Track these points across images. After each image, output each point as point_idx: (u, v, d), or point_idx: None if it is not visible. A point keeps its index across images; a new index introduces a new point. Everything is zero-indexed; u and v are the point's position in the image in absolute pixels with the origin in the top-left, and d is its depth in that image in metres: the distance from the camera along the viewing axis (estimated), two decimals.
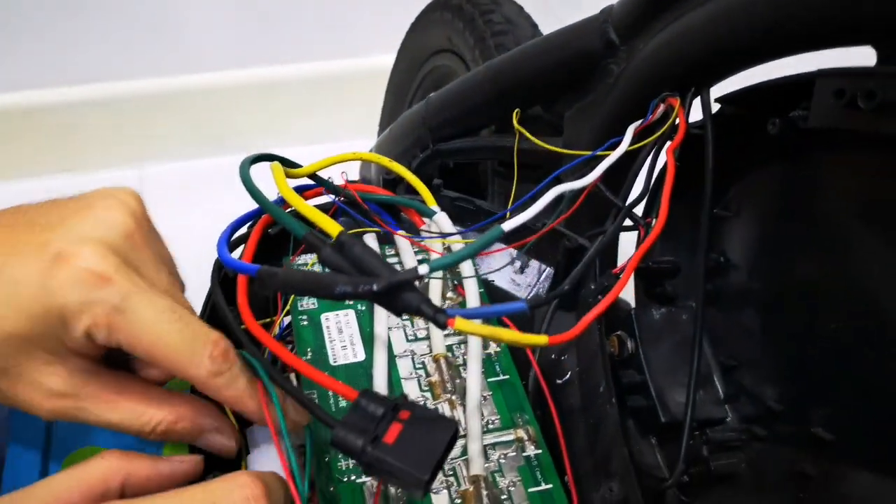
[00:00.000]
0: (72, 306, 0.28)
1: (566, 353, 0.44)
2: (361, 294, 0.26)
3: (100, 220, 0.30)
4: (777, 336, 0.43)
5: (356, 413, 0.29)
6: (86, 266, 0.28)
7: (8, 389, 0.31)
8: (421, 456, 0.28)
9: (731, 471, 0.43)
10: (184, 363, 0.30)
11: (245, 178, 0.35)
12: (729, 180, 0.44)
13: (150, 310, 0.30)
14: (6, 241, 0.29)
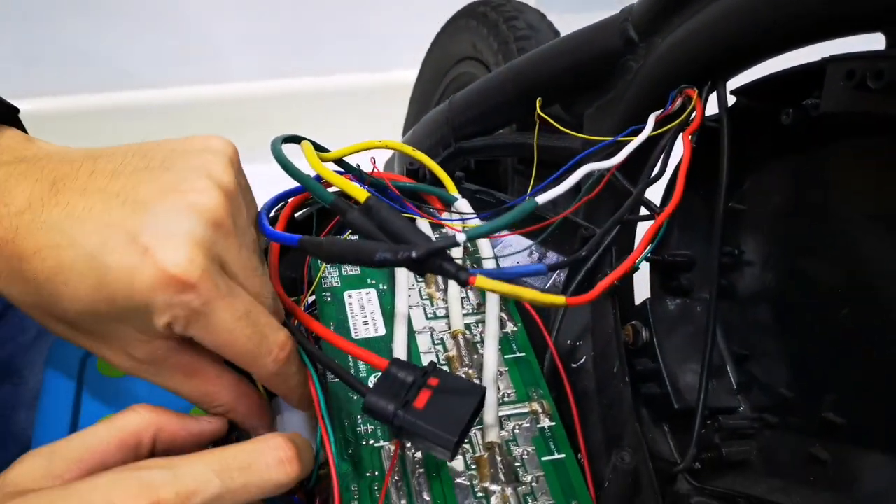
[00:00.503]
0: (154, 305, 0.29)
1: (581, 339, 0.45)
2: (400, 261, 0.28)
3: (193, 208, 0.30)
4: (788, 326, 0.44)
5: (386, 380, 0.30)
6: (172, 272, 0.28)
7: (90, 345, 0.32)
8: (450, 419, 0.29)
9: (742, 458, 0.43)
10: (248, 363, 0.32)
11: (277, 151, 0.36)
12: (744, 173, 0.45)
13: (228, 315, 0.30)
14: (100, 217, 0.29)
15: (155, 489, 0.26)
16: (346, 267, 0.44)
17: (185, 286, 0.28)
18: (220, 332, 0.30)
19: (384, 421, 0.30)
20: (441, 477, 0.34)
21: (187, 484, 0.27)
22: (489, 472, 0.34)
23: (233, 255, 0.31)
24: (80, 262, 0.28)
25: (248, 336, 0.31)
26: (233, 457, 0.29)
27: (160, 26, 1.28)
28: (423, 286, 0.43)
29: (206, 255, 0.29)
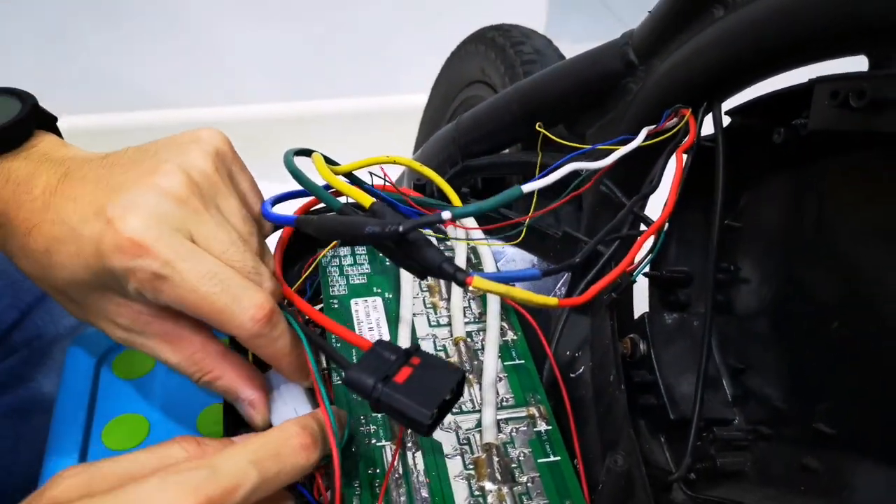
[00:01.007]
0: (119, 270, 0.32)
1: (580, 350, 0.46)
2: (388, 234, 0.29)
3: (157, 187, 0.33)
4: (783, 339, 0.45)
5: (370, 358, 0.32)
6: (128, 235, 0.31)
7: (87, 316, 0.36)
8: (427, 395, 0.30)
9: (737, 468, 0.44)
10: (227, 323, 0.33)
11: (288, 162, 0.38)
12: (739, 191, 0.47)
13: (192, 273, 0.32)
14: (85, 198, 0.33)
15: (201, 490, 0.27)
16: (354, 276, 0.45)
17: (140, 249, 0.31)
18: (186, 291, 0.32)
19: (364, 394, 0.31)
20: (440, 476, 0.35)
21: (229, 479, 0.29)
22: (486, 472, 0.35)
23: (202, 229, 0.34)
24: (63, 234, 0.33)
25: (217, 294, 0.32)
26: (263, 446, 0.31)
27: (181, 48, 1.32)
28: (427, 295, 0.44)
29: (164, 225, 0.32)
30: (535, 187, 0.33)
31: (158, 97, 1.32)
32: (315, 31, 1.36)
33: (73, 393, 0.43)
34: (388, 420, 0.37)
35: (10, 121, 0.36)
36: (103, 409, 0.43)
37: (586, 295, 0.33)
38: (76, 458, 0.40)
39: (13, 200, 0.34)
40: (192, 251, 0.33)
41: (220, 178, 0.36)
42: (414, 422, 0.30)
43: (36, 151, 0.36)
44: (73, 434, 0.41)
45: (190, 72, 1.34)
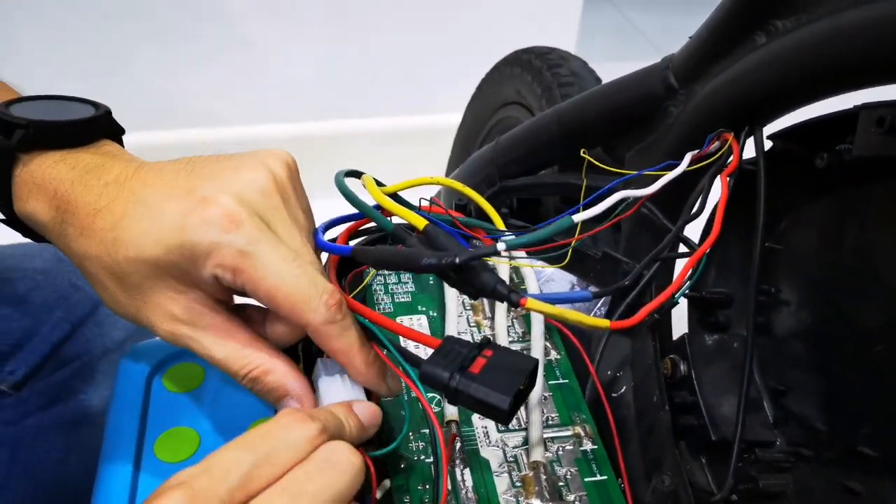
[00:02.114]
0: (203, 245, 0.32)
1: (621, 370, 0.46)
2: (445, 265, 0.30)
3: (244, 178, 0.34)
4: (823, 362, 0.45)
5: (442, 352, 0.32)
6: (220, 211, 0.32)
7: (137, 308, 0.35)
8: (504, 384, 0.31)
9: (778, 490, 0.44)
10: (301, 307, 0.33)
11: (340, 183, 0.39)
12: (781, 214, 0.47)
13: (274, 254, 0.33)
14: (168, 183, 0.34)
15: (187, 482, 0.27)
16: (399, 295, 0.46)
17: (231, 225, 0.32)
18: (267, 273, 0.32)
19: (440, 386, 0.32)
20: (488, 492, 0.36)
21: (218, 466, 0.27)
22: (534, 490, 0.36)
23: (280, 226, 0.34)
24: (140, 211, 0.33)
25: (297, 277, 0.33)
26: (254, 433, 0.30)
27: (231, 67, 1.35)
28: (470, 314, 0.45)
29: (253, 210, 0.33)
30: (585, 217, 0.34)
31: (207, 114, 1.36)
32: (351, 51, 1.39)
33: (125, 405, 0.44)
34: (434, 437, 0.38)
35: (83, 118, 0.37)
36: (155, 421, 0.44)
37: (637, 317, 0.33)
38: (129, 470, 0.41)
39: (80, 183, 0.35)
40: (275, 236, 0.34)
41: (293, 188, 0.37)
42: (493, 408, 0.31)
43: (104, 150, 0.38)
44: (126, 446, 0.42)
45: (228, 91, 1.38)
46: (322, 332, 0.33)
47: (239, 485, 0.27)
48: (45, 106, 0.39)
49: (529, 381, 0.33)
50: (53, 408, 0.54)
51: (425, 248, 0.33)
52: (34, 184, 0.36)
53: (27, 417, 0.52)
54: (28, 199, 0.36)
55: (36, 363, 0.53)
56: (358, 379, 0.36)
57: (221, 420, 0.43)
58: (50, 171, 0.36)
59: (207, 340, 0.35)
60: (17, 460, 0.51)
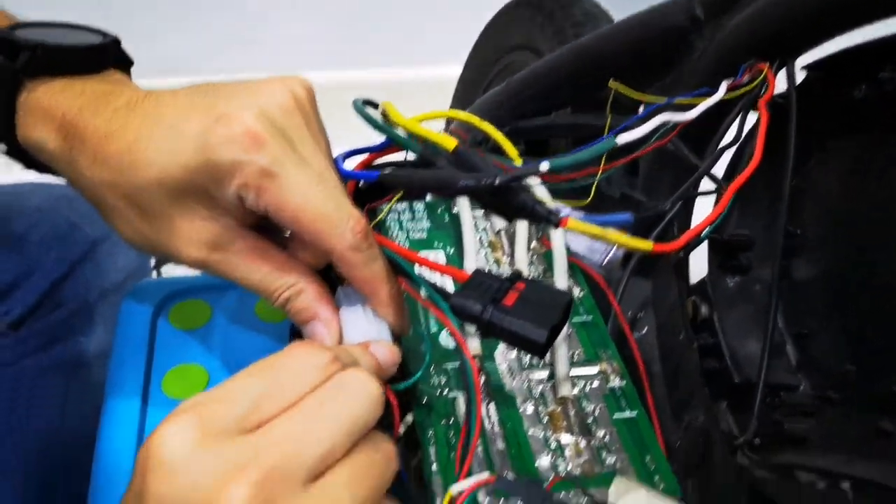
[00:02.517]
0: (225, 164, 0.30)
1: (643, 311, 0.45)
2: (483, 187, 0.28)
3: (267, 93, 0.32)
4: (848, 304, 0.44)
5: (472, 285, 0.31)
6: (243, 128, 0.30)
7: (160, 236, 0.33)
8: (539, 317, 0.29)
9: (803, 434, 0.43)
10: (327, 231, 0.31)
11: (361, 110, 0.37)
12: (809, 152, 0.46)
13: (300, 175, 0.31)
14: (184, 102, 0.32)
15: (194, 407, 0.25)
16: (414, 231, 0.44)
17: (255, 143, 0.30)
18: (293, 194, 0.30)
19: (472, 319, 0.30)
20: (515, 427, 0.34)
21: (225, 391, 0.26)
22: (563, 425, 0.35)
23: (303, 146, 0.33)
24: (158, 131, 0.32)
25: (324, 199, 0.31)
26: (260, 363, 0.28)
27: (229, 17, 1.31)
28: (489, 251, 0.44)
29: (276, 128, 0.31)
30: (628, 139, 0.32)
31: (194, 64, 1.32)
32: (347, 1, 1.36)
33: (130, 343, 0.43)
34: (459, 372, 0.37)
35: (92, 44, 0.36)
36: (161, 359, 0.42)
37: (681, 240, 0.32)
38: (137, 405, 0.39)
39: (88, 108, 0.33)
40: (299, 157, 0.32)
41: (312, 111, 0.35)
42: (529, 341, 0.30)
43: (113, 79, 0.36)
44: (133, 383, 0.41)
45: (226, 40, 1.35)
46: (348, 259, 0.32)
47: (250, 409, 0.25)
48: (51, 31, 0.37)
49: (564, 315, 0.31)
50: (52, 349, 0.52)
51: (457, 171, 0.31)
52: (40, 110, 0.35)
53: (25, 358, 0.51)
54: (34, 127, 0.35)
55: (33, 302, 0.52)
56: (381, 311, 0.34)
57: (230, 357, 0.42)
58: (57, 97, 0.34)
59: (242, 264, 0.33)
60: (16, 403, 0.49)
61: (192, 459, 0.24)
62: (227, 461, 0.24)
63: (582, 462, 0.33)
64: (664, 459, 0.34)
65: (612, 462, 0.34)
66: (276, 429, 0.25)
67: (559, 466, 0.33)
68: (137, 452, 0.25)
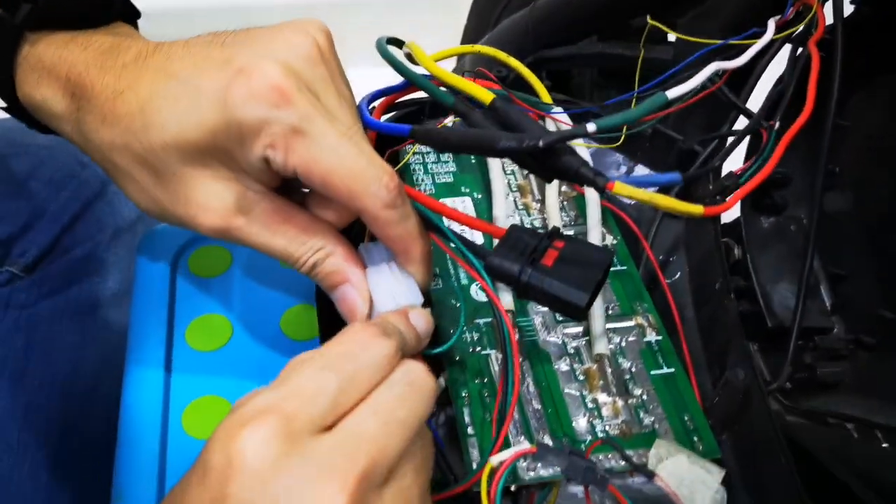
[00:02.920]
0: (251, 123, 0.28)
1: (674, 254, 0.44)
2: (525, 149, 0.27)
3: (287, 42, 0.30)
4: (886, 247, 0.43)
5: (508, 243, 0.29)
6: (267, 82, 0.28)
7: (177, 202, 0.31)
8: (580, 278, 0.28)
9: (835, 379, 0.43)
10: (360, 190, 0.29)
11: (385, 51, 0.35)
12: (851, 88, 0.43)
13: (330, 132, 0.28)
14: (198, 55, 0.29)
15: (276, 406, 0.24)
16: (440, 175, 0.43)
17: (282, 98, 0.28)
18: (323, 152, 0.28)
19: (510, 280, 0.29)
20: (550, 386, 0.34)
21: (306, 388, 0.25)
22: (599, 384, 0.34)
23: (330, 99, 0.30)
24: (173, 88, 0.29)
25: (355, 156, 0.29)
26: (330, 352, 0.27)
27: None
28: (518, 196, 0.42)
29: (301, 80, 0.29)
30: (680, 92, 0.30)
31: None
32: None
33: (150, 292, 0.41)
34: (491, 327, 0.36)
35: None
36: (183, 309, 0.41)
37: (730, 202, 0.30)
38: (161, 361, 0.38)
39: (95, 65, 0.31)
40: (328, 111, 0.29)
41: (334, 60, 0.32)
42: (570, 305, 0.29)
43: (119, 31, 0.33)
44: (156, 335, 0.40)
45: None
46: (381, 218, 0.30)
47: (330, 407, 0.25)
48: None
49: (604, 275, 0.30)
50: (68, 291, 0.51)
51: (493, 127, 0.29)
52: (43, 68, 0.32)
53: (41, 301, 0.50)
54: (38, 86, 0.32)
55: (47, 244, 0.50)
56: (411, 269, 0.32)
57: (253, 307, 0.41)
58: (60, 52, 0.32)
59: (264, 230, 0.31)
60: (33, 346, 0.49)
61: (281, 465, 0.23)
62: (318, 466, 0.23)
63: (620, 422, 0.33)
64: (703, 418, 0.33)
65: (651, 422, 0.33)
66: (359, 429, 0.25)
67: (597, 427, 0.33)
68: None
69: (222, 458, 0.23)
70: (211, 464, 0.23)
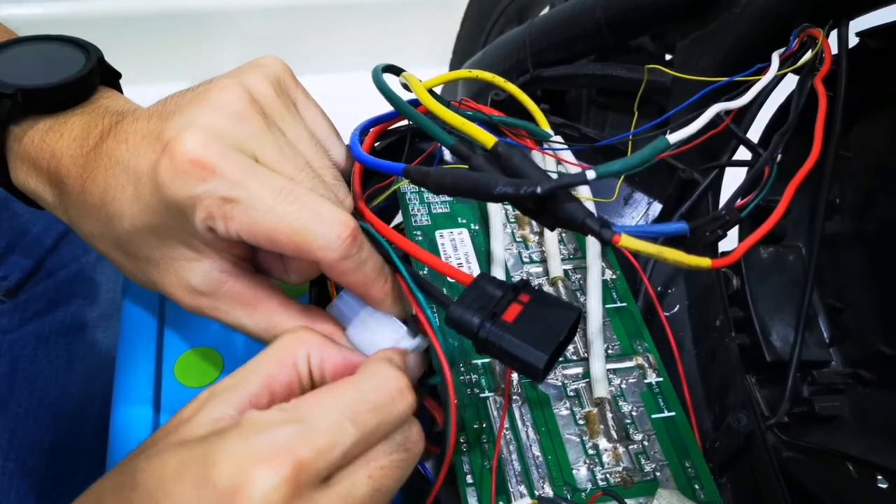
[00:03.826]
0: (183, 200, 0.28)
1: (673, 286, 0.43)
2: (523, 196, 0.26)
3: (213, 103, 0.29)
4: (885, 279, 0.43)
5: (473, 293, 0.29)
6: (188, 157, 0.27)
7: (155, 281, 0.32)
8: (541, 336, 0.27)
9: (833, 413, 0.43)
10: (307, 246, 0.28)
11: (382, 85, 0.34)
12: (853, 119, 0.43)
13: (264, 193, 0.28)
14: (140, 132, 0.30)
15: (292, 450, 0.24)
16: (435, 205, 0.42)
17: (205, 171, 0.28)
18: (262, 215, 0.28)
19: (469, 334, 0.28)
20: (550, 431, 0.33)
21: (324, 438, 0.25)
22: (599, 429, 0.33)
23: (268, 152, 0.30)
24: (120, 176, 0.30)
25: (296, 213, 0.28)
26: (360, 397, 0.27)
27: None
28: (516, 227, 0.41)
29: (226, 143, 0.28)
30: (681, 137, 0.30)
31: None
32: None
33: (138, 323, 0.41)
34: (490, 368, 0.35)
35: (74, 77, 0.33)
36: (172, 340, 0.40)
37: (736, 253, 0.29)
38: (150, 400, 0.38)
39: (68, 154, 0.32)
40: (261, 170, 0.29)
41: (282, 102, 0.32)
42: (527, 365, 0.28)
43: (95, 106, 0.34)
44: (144, 371, 0.39)
45: None
46: (335, 269, 0.29)
47: (339, 460, 0.26)
48: (30, 57, 0.35)
49: (570, 333, 0.29)
50: (53, 313, 0.50)
51: (495, 171, 0.29)
52: (29, 159, 0.33)
53: (25, 325, 0.49)
54: (27, 177, 0.34)
55: (31, 267, 0.49)
56: (380, 308, 0.32)
57: (245, 340, 0.40)
58: (41, 142, 0.33)
59: (234, 311, 0.32)
60: (17, 370, 0.48)
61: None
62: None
63: (621, 470, 0.32)
64: (704, 464, 0.33)
65: (652, 469, 0.32)
66: (353, 493, 0.26)
67: (597, 475, 0.32)
68: None
69: (229, 481, 0.24)
70: (215, 480, 0.24)
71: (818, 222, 0.42)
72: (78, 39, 0.36)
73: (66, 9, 1.23)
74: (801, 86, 0.36)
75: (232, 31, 1.23)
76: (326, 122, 0.35)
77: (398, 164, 0.31)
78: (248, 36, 1.24)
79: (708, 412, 0.37)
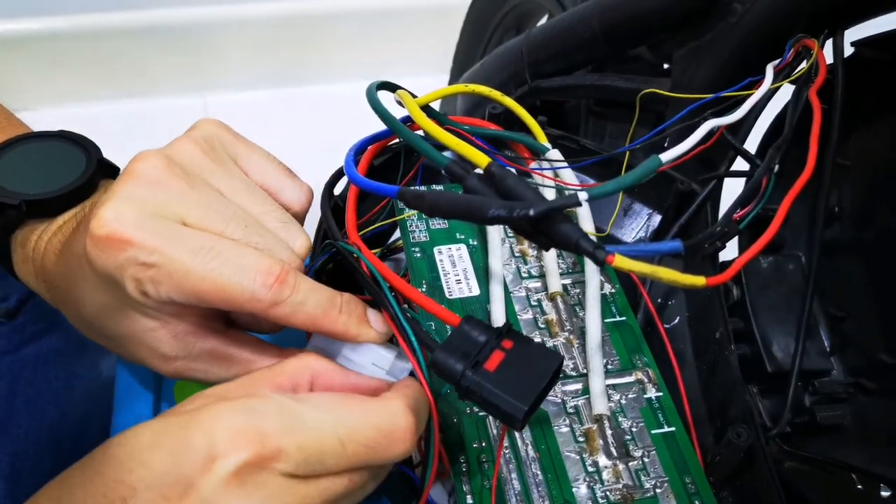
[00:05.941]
0: (111, 273, 0.29)
1: (673, 298, 0.43)
2: (516, 219, 0.26)
3: (129, 175, 0.30)
4: (886, 288, 0.42)
5: (458, 338, 0.29)
6: (104, 233, 0.28)
7: (136, 357, 0.33)
8: (522, 386, 0.28)
9: (835, 423, 0.42)
10: (236, 300, 0.29)
11: (376, 103, 0.34)
12: (851, 128, 0.43)
13: (183, 255, 0.29)
14: (86, 216, 0.32)
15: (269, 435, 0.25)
16: (434, 221, 0.42)
17: (120, 243, 0.28)
18: (182, 275, 0.29)
19: (451, 381, 0.29)
20: (550, 449, 0.33)
21: (311, 444, 0.26)
22: (599, 445, 0.33)
23: (193, 211, 0.30)
24: (73, 263, 0.32)
25: (217, 269, 0.29)
26: (362, 429, 0.27)
27: None
28: (514, 242, 0.41)
29: (143, 211, 0.29)
30: (674, 155, 0.30)
31: None
32: None
33: None
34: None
35: (75, 185, 0.36)
36: None
37: (730, 271, 0.29)
38: None
39: (52, 253, 0.35)
40: (180, 232, 0.29)
41: (210, 159, 0.32)
42: (507, 415, 0.28)
43: (89, 203, 0.36)
44: (144, 392, 0.39)
45: None
46: (273, 316, 0.30)
47: (318, 471, 0.27)
48: (32, 160, 0.37)
49: (552, 380, 0.29)
50: (52, 334, 0.50)
51: (489, 193, 0.29)
52: (28, 260, 0.36)
53: (24, 346, 0.49)
54: (28, 277, 0.37)
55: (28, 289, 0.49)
56: (344, 340, 0.33)
57: None
58: (38, 243, 0.35)
59: (211, 367, 0.33)
60: (17, 393, 0.48)
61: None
62: None
63: (621, 487, 0.32)
64: (705, 480, 0.33)
65: (652, 486, 0.32)
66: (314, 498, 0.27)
67: (597, 493, 0.32)
68: None
69: (208, 446, 0.25)
70: (195, 443, 0.25)
71: (818, 231, 0.42)
72: (78, 137, 0.38)
73: (64, 23, 1.23)
74: (796, 97, 0.36)
75: (235, 42, 1.23)
76: (274, 167, 0.36)
77: (392, 187, 0.31)
78: (253, 46, 1.24)
79: (709, 426, 0.37)
